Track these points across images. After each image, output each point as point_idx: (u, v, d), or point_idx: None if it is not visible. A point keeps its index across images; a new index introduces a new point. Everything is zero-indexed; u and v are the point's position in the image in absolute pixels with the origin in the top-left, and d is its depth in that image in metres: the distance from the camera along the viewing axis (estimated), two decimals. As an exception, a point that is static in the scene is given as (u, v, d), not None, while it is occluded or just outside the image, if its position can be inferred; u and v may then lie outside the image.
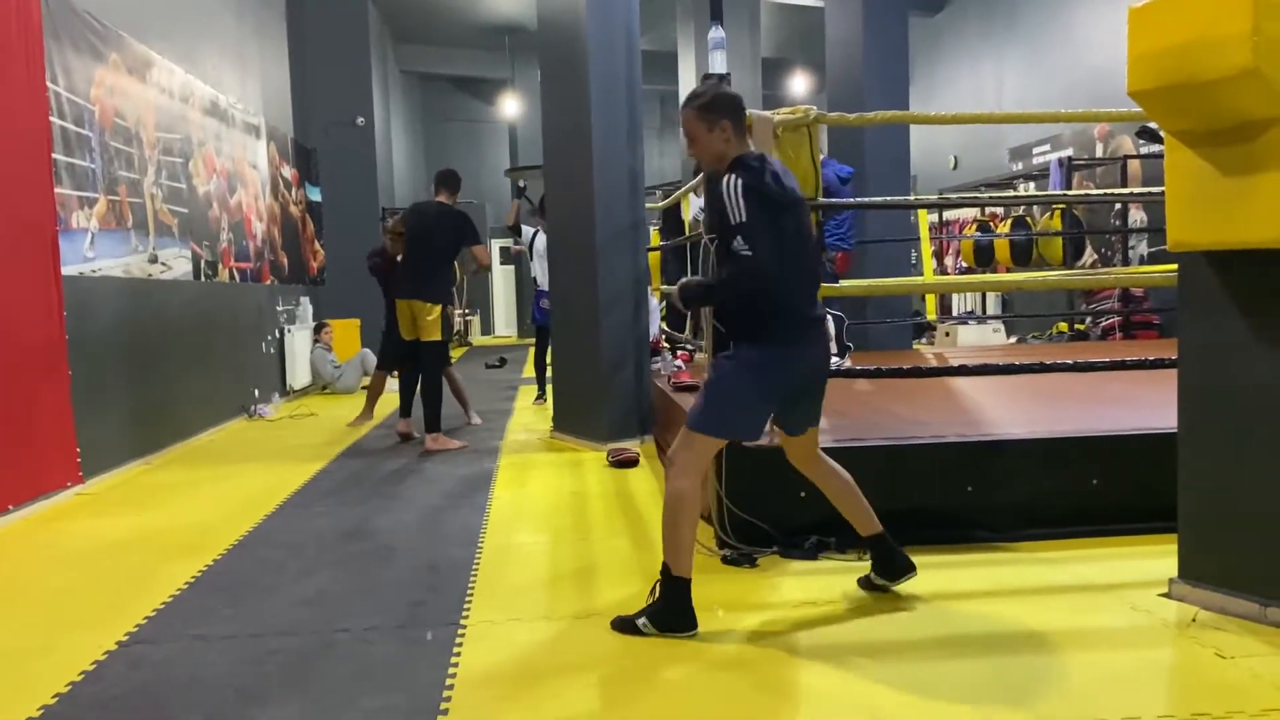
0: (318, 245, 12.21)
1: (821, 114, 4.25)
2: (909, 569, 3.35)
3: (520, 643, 3.03)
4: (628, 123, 6.57)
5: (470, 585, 3.61)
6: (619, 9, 6.53)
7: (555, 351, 7.13)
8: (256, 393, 9.04)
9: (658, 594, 3.08)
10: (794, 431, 3.32)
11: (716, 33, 4.06)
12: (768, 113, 4.21)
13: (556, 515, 4.74)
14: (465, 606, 3.36)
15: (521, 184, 8.47)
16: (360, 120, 12.62)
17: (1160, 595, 3.21)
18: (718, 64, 3.99)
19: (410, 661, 2.92)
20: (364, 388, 10.70)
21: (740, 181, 2.97)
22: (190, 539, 4.46)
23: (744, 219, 2.92)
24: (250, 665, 2.93)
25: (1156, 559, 3.42)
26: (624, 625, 3.08)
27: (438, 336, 6.71)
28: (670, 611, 3.04)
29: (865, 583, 3.44)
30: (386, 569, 3.89)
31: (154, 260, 6.99)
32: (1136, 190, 9.05)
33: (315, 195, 12.22)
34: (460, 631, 3.12)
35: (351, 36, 12.69)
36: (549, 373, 7.95)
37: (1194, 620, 2.99)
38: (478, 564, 3.89)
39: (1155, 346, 7.71)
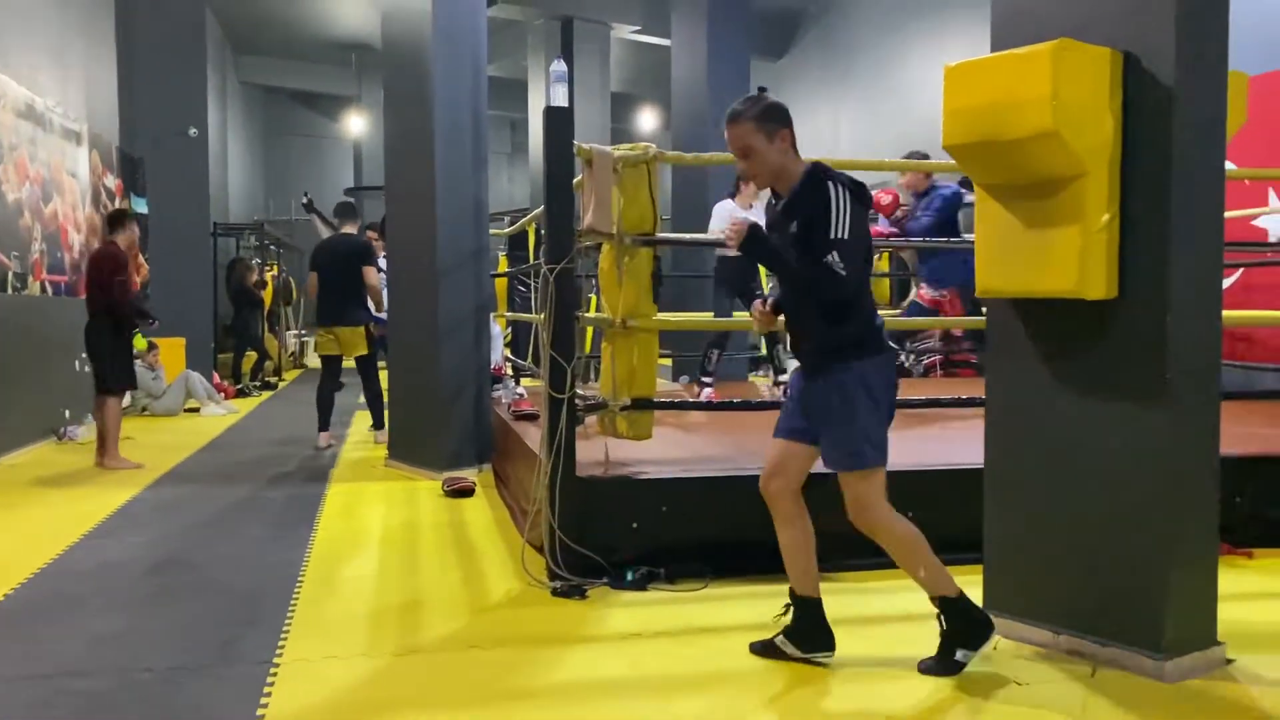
0: (142, 260, 11.57)
1: (661, 152, 4.32)
2: (828, 646, 3.07)
3: (336, 681, 2.92)
4: (473, 148, 6.53)
5: (287, 621, 3.46)
6: (466, 35, 6.49)
7: (392, 377, 6.97)
8: (67, 414, 8.47)
9: (948, 624, 2.95)
10: (815, 440, 3.04)
11: (559, 66, 4.08)
12: (608, 148, 4.26)
13: (385, 546, 4.61)
14: (280, 643, 3.22)
15: (306, 197, 8.47)
16: (193, 131, 12.08)
17: (967, 624, 3.37)
18: (559, 97, 4.01)
19: (217, 703, 2.77)
20: (187, 409, 10.21)
21: (849, 195, 2.85)
22: (-21, 572, 4.13)
23: (845, 236, 2.80)
24: (38, 709, 2.73)
25: (968, 589, 3.57)
26: (942, 666, 2.93)
27: (365, 351, 7.56)
28: (973, 626, 2.96)
29: (762, 648, 3.13)
30: (198, 604, 3.69)
31: (-48, 270, 6.48)
32: (955, 240, 9.57)
33: (142, 207, 11.61)
34: (273, 670, 2.99)
35: (187, 43, 12.15)
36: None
37: (995, 649, 3.14)
38: (297, 598, 3.74)
39: (972, 385, 8.15)
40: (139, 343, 8.34)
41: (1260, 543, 4.31)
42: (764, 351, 11.20)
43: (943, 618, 2.98)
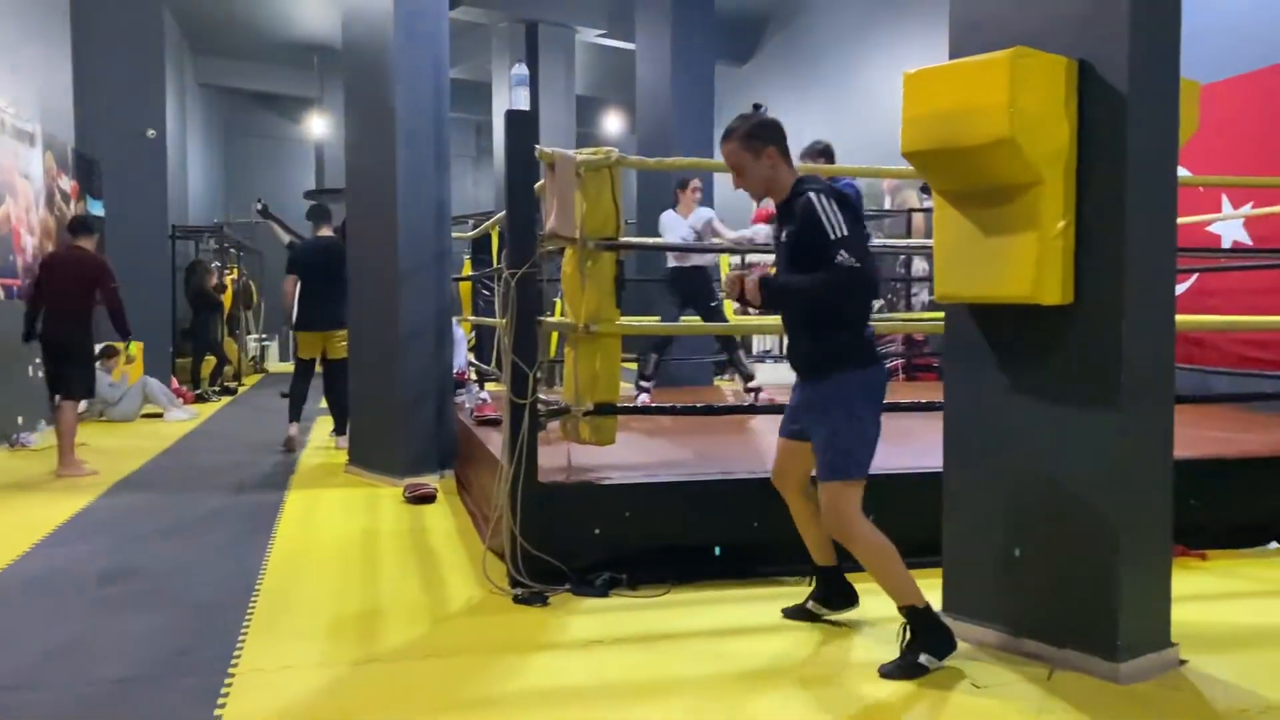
0: (98, 263, 11.37)
1: (624, 156, 4.31)
2: (852, 604, 3.48)
3: (293, 691, 2.88)
4: (435, 152, 6.49)
5: (243, 631, 3.41)
6: (428, 37, 6.45)
7: (353, 383, 6.90)
8: (20, 420, 8.31)
9: (913, 633, 3.02)
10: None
11: (520, 70, 4.07)
12: (570, 152, 4.24)
13: (344, 554, 4.55)
14: (235, 654, 3.17)
15: (260, 203, 8.60)
16: (151, 132, 11.90)
17: (927, 627, 3.38)
18: (520, 101, 3.99)
19: (170, 714, 2.73)
20: (145, 415, 10.06)
21: (833, 198, 2.98)
22: (-75, 583, 4.03)
23: (846, 233, 2.92)
24: (-17, 725, 2.66)
25: (928, 592, 3.59)
26: (904, 669, 2.96)
27: (345, 355, 7.33)
28: (938, 637, 3.02)
29: (795, 612, 3.52)
30: (150, 614, 3.62)
31: (-100, 273, 6.34)
32: (914, 242, 9.68)
33: (98, 209, 11.42)
34: (227, 681, 2.94)
35: (144, 44, 11.96)
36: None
37: (954, 652, 3.16)
38: (253, 607, 3.68)
39: (933, 389, 8.21)
40: (133, 348, 8.37)
41: (1214, 545, 4.38)
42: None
43: (908, 626, 3.05)
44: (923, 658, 2.99)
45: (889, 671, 2.99)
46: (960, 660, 3.09)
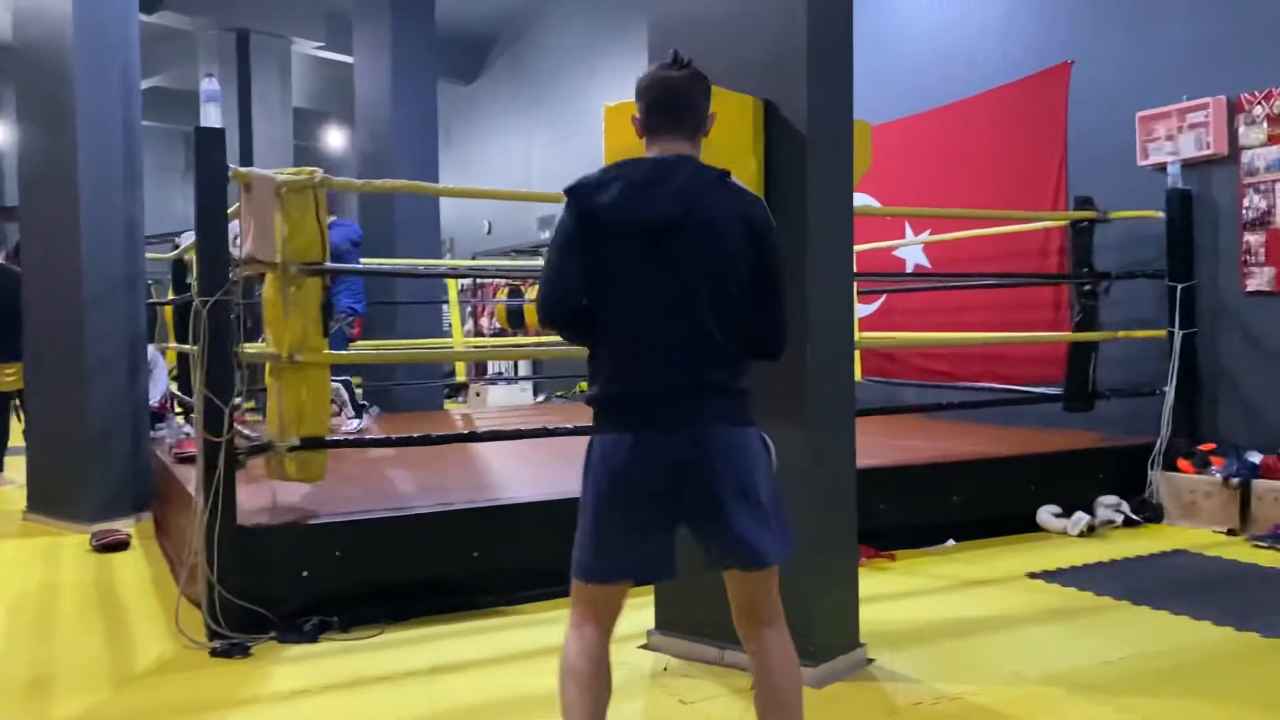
0: None
1: (328, 177, 4.13)
2: None
3: (-68, 784, 2.52)
4: (125, 165, 5.98)
5: (-125, 716, 2.97)
6: (115, 39, 5.94)
7: (31, 419, 6.22)
8: None
9: None
10: (709, 564, 2.31)
11: (210, 84, 3.83)
12: (270, 172, 4.03)
13: (13, 614, 4.06)
14: None
15: None
16: None
17: (640, 647, 3.45)
18: (212, 118, 3.75)
19: None
20: None
21: (565, 201, 2.36)
22: None
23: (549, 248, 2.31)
24: None
25: (645, 610, 3.66)
26: None
27: (11, 389, 7.14)
28: None
29: None
30: None
31: None
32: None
33: None
34: None
35: None
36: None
37: (665, 669, 3.24)
38: (-110, 687, 3.21)
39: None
40: None
41: (902, 545, 4.76)
42: (462, 378, 11.12)
43: None
44: None
45: None
46: (670, 677, 3.16)
